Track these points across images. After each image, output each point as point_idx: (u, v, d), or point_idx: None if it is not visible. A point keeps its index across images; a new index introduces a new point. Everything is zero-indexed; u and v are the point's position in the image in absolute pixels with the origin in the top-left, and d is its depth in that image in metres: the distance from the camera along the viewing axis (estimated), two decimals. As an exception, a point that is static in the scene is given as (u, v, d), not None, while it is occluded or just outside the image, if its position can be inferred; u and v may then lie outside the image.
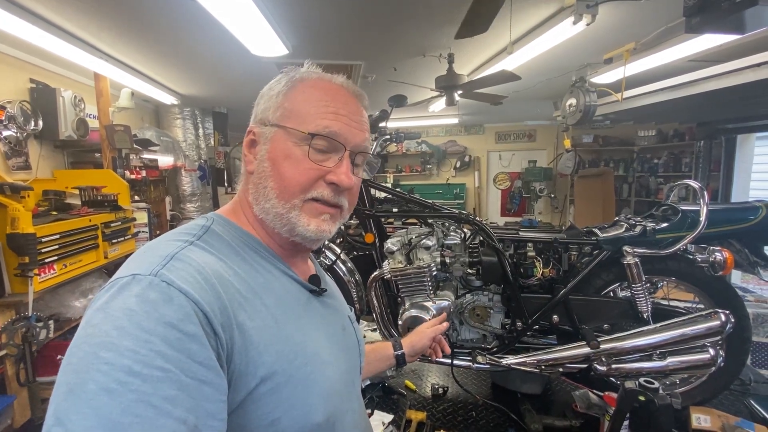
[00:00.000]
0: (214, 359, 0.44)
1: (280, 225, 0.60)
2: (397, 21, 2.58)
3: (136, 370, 0.39)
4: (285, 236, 0.61)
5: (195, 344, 0.43)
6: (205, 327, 0.45)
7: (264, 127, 0.62)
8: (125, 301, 0.43)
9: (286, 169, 0.59)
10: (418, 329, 1.12)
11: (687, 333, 1.35)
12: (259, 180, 0.61)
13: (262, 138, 0.62)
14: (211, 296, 0.47)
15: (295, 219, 0.59)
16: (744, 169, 4.22)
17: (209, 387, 0.43)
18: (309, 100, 0.61)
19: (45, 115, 2.85)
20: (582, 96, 3.42)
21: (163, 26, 2.53)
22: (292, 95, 0.61)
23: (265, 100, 0.63)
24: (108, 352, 0.39)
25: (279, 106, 0.61)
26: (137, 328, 0.41)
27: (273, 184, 0.59)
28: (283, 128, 0.60)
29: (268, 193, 0.59)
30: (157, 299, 0.43)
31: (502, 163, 7.95)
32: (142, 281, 0.45)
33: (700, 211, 1.40)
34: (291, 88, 0.62)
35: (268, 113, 0.62)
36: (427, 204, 1.71)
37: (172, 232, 0.57)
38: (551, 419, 1.45)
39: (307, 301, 0.64)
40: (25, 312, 2.04)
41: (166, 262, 0.47)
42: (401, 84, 3.88)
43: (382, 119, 1.83)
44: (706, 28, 1.34)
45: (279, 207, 0.59)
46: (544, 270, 1.59)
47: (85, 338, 0.41)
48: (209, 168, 5.32)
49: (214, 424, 0.43)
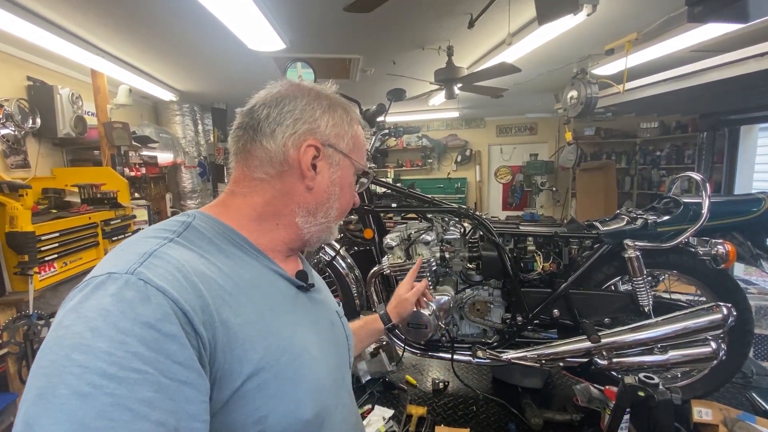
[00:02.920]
0: (194, 359, 0.43)
1: (325, 236, 0.69)
2: (396, 13, 2.55)
3: (111, 373, 0.37)
4: (302, 241, 0.67)
5: (174, 344, 0.42)
6: (185, 326, 0.43)
7: (333, 151, 0.65)
8: (100, 300, 0.41)
9: (347, 196, 0.70)
10: (398, 295, 1.10)
11: (689, 326, 1.34)
12: (325, 200, 0.66)
13: (330, 161, 0.66)
14: (192, 294, 0.46)
15: (334, 230, 0.71)
16: (747, 161, 4.18)
17: (190, 388, 0.42)
18: (361, 138, 0.71)
19: (43, 113, 2.84)
20: (583, 88, 3.38)
21: (159, 22, 2.51)
22: (356, 132, 0.69)
23: (336, 123, 0.66)
24: (81, 355, 0.38)
25: (350, 137, 0.68)
26: (112, 329, 0.39)
27: (338, 205, 0.68)
28: (350, 160, 0.68)
29: (331, 212, 0.67)
30: (133, 298, 0.42)
31: (503, 156, 7.91)
32: (118, 280, 0.43)
33: (702, 204, 1.38)
34: (352, 120, 0.69)
35: (341, 140, 0.66)
36: (427, 199, 1.69)
37: (151, 229, 0.55)
38: (552, 413, 1.44)
39: (294, 297, 0.64)
40: (26, 310, 2.04)
41: (143, 260, 0.46)
42: (400, 77, 3.85)
43: (379, 114, 1.81)
44: (709, 17, 1.32)
45: (332, 222, 0.69)
46: (545, 264, 1.58)
47: (56, 340, 0.40)
48: (209, 164, 5.32)
49: (195, 425, 0.42)
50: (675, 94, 3.48)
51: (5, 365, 2.01)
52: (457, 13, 2.52)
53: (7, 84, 2.75)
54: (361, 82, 4.18)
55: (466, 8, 2.45)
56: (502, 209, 7.99)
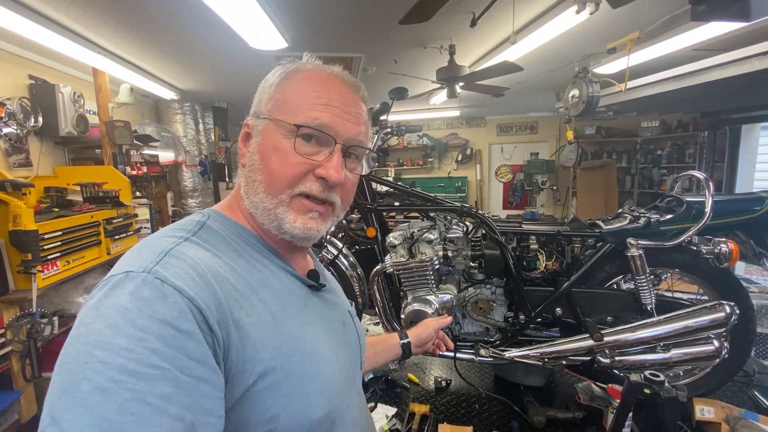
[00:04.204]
0: (210, 356, 0.44)
1: (268, 221, 0.59)
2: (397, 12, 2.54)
3: (131, 369, 0.38)
4: (274, 233, 0.60)
5: (190, 341, 0.42)
6: (200, 324, 0.44)
7: (257, 120, 0.61)
8: (118, 298, 0.42)
9: (273, 163, 0.57)
10: (423, 322, 1.13)
11: (691, 325, 1.35)
12: (250, 173, 0.60)
13: (254, 131, 0.61)
14: (207, 293, 0.46)
15: (282, 215, 0.58)
16: (749, 160, 4.18)
17: (206, 384, 0.42)
18: (301, 92, 0.59)
19: (45, 112, 2.84)
20: (585, 87, 3.38)
21: (160, 20, 2.51)
22: (285, 86, 0.60)
23: (260, 92, 0.63)
24: (101, 351, 0.39)
25: (271, 97, 0.60)
26: (131, 326, 0.40)
27: (261, 177, 0.58)
28: (273, 120, 0.58)
29: (256, 186, 0.59)
30: (150, 296, 0.42)
31: (504, 155, 7.91)
32: (136, 278, 0.44)
33: (704, 202, 1.38)
34: (284, 79, 0.60)
35: (261, 105, 0.61)
36: (429, 197, 1.70)
37: (167, 228, 0.56)
38: (554, 411, 1.45)
39: (305, 297, 0.63)
40: (29, 308, 2.04)
41: (159, 259, 0.47)
42: (402, 76, 3.85)
43: (382, 112, 1.81)
44: (711, 15, 1.32)
45: (266, 201, 0.58)
46: (547, 263, 1.58)
47: (78, 337, 0.41)
48: (210, 163, 5.32)
49: (211, 421, 0.42)
50: (676, 93, 3.48)
51: (9, 363, 2.01)
52: (459, 12, 2.52)
53: (9, 83, 2.75)
54: (363, 80, 4.12)
55: (468, 7, 2.45)
56: (503, 208, 7.99)
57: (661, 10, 2.45)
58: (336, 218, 0.64)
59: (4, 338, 1.97)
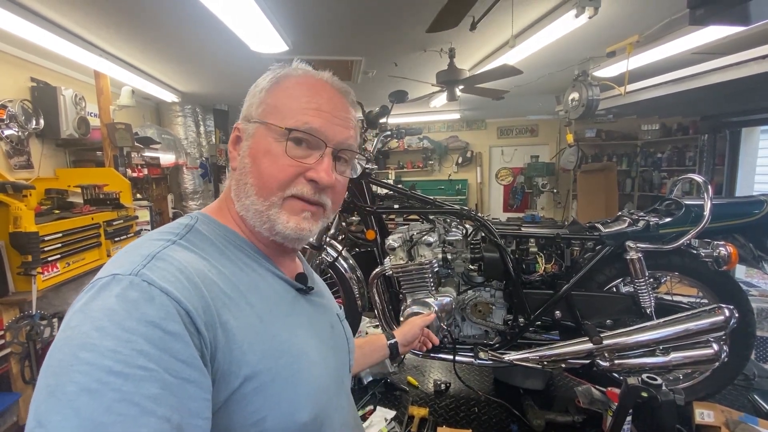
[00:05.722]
0: (197, 358, 0.44)
1: (260, 223, 0.59)
2: (398, 15, 2.56)
3: (118, 370, 0.38)
4: (266, 235, 0.61)
5: (178, 343, 0.42)
6: (188, 326, 0.44)
7: (248, 124, 0.61)
8: (105, 301, 0.42)
9: (265, 166, 0.58)
10: (408, 320, 1.14)
11: (690, 328, 1.34)
12: (241, 176, 0.60)
13: (245, 134, 0.61)
14: (194, 295, 0.46)
15: (274, 216, 0.58)
16: (748, 163, 4.18)
17: (193, 386, 0.42)
18: (291, 96, 0.60)
19: (46, 114, 2.85)
20: (585, 90, 3.39)
21: (162, 23, 2.52)
22: (275, 91, 0.61)
23: (250, 96, 0.63)
24: (88, 353, 0.38)
25: (262, 102, 0.61)
26: (118, 328, 0.40)
27: (252, 180, 0.59)
28: (264, 124, 0.59)
29: (248, 189, 0.59)
30: (137, 298, 0.42)
31: (504, 158, 7.91)
32: (123, 281, 0.44)
33: (704, 206, 1.38)
34: (275, 84, 0.61)
35: (252, 109, 0.61)
36: (429, 200, 1.70)
37: (155, 232, 0.56)
38: (554, 415, 1.44)
39: (294, 300, 0.64)
40: (29, 310, 2.05)
41: (147, 262, 0.47)
42: (402, 79, 3.86)
43: (382, 115, 1.81)
44: (710, 19, 1.32)
45: (258, 204, 0.58)
46: (547, 266, 1.58)
47: (64, 340, 0.41)
48: (211, 165, 5.33)
49: (198, 422, 0.42)
50: (676, 96, 3.48)
51: (8, 365, 2.02)
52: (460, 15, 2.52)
53: (11, 85, 2.76)
54: (363, 84, 4.19)
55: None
56: (503, 211, 7.99)
57: (660, 14, 2.45)
58: (326, 219, 0.65)
59: (4, 340, 1.97)
